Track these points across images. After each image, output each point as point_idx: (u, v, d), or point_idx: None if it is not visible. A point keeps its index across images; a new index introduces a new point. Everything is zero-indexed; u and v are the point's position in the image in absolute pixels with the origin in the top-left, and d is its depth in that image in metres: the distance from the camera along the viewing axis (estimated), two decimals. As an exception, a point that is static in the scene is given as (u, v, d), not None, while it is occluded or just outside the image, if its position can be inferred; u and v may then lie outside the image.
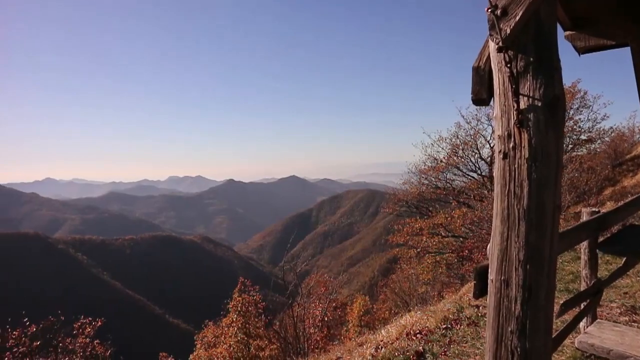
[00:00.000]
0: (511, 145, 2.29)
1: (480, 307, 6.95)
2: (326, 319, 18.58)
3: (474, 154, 23.93)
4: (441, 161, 24.61)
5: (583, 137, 22.51)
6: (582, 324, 5.10)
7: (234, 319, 16.57)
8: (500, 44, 2.25)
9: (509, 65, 2.25)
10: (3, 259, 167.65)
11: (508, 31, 2.23)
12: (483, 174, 23.88)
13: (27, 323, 11.79)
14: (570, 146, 22.29)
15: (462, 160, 24.28)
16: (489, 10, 2.25)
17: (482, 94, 2.55)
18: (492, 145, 23.25)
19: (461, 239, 20.82)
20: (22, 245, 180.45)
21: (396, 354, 5.80)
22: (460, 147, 24.07)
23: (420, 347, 5.76)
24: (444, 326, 6.45)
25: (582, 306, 4.48)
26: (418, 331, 6.50)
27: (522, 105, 2.25)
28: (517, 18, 2.19)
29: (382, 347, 6.34)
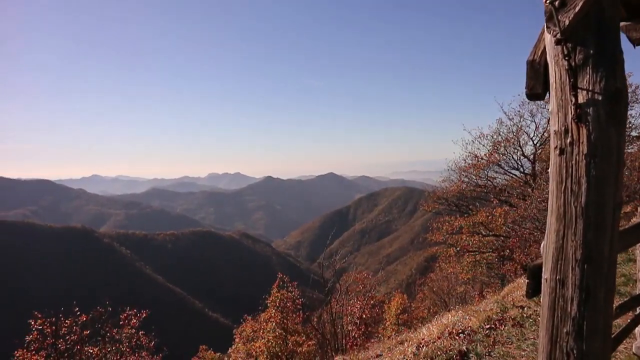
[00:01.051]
0: (568, 141, 2.22)
1: (525, 308, 6.77)
2: (364, 316, 18.52)
3: (516, 151, 23.31)
4: (482, 158, 24.05)
5: (634, 133, 21.55)
6: (637, 330, 4.90)
7: (272, 315, 16.75)
8: (559, 36, 2.18)
9: (567, 58, 2.17)
10: (54, 251, 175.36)
11: (567, 23, 2.15)
12: (525, 171, 23.25)
13: (78, 313, 12.44)
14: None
15: (504, 157, 23.67)
16: (547, 1, 2.18)
17: (537, 89, 2.47)
18: (535, 142, 22.61)
19: (502, 238, 20.35)
20: (71, 238, 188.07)
21: (439, 352, 5.73)
22: (502, 144, 23.47)
23: (464, 347, 5.67)
24: (488, 326, 6.32)
25: (638, 310, 4.30)
26: (460, 331, 6.40)
27: (581, 100, 2.17)
28: (577, 9, 2.11)
29: (423, 346, 6.27)
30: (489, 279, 22.24)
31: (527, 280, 2.59)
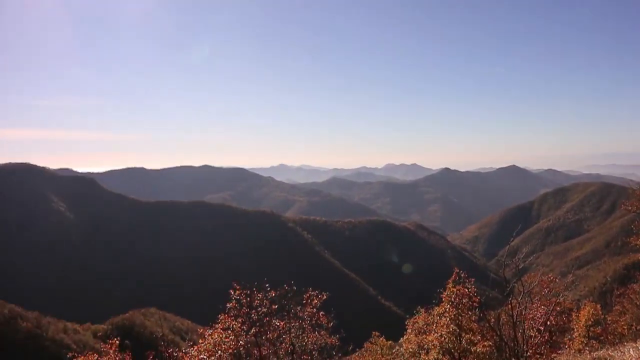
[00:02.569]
0: None
1: None
2: (549, 323, 17.04)
3: None
4: None
5: None
6: None
7: (447, 309, 16.39)
8: None
9: None
10: (247, 231, 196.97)
11: None
12: None
13: (268, 289, 14.00)
14: None
15: None
16: None
17: None
18: None
19: None
20: (261, 221, 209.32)
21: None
22: None
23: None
24: None
25: None
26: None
27: None
28: None
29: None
30: None
31: None
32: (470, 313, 16.57)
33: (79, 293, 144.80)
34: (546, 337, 16.69)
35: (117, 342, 15.89)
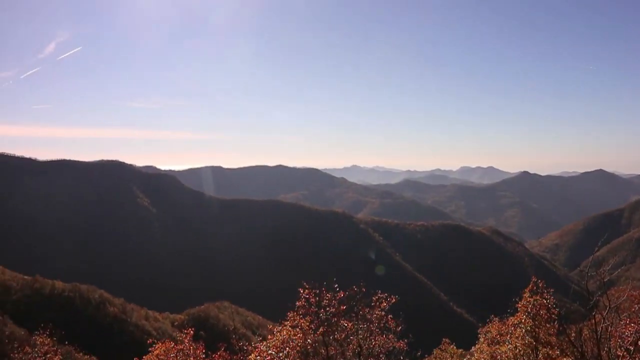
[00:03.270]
0: None
1: None
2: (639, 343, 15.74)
3: None
4: None
5: None
6: None
7: (523, 320, 15.67)
8: None
9: None
10: (318, 231, 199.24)
11: None
12: None
13: (337, 289, 14.10)
14: None
15: None
16: None
17: None
18: None
19: None
20: (332, 221, 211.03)
21: None
22: None
23: None
24: None
25: None
26: None
27: None
28: None
29: None
30: None
31: None
32: (548, 325, 15.72)
33: (159, 283, 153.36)
34: (636, 358, 15.45)
35: (192, 332, 16.90)
